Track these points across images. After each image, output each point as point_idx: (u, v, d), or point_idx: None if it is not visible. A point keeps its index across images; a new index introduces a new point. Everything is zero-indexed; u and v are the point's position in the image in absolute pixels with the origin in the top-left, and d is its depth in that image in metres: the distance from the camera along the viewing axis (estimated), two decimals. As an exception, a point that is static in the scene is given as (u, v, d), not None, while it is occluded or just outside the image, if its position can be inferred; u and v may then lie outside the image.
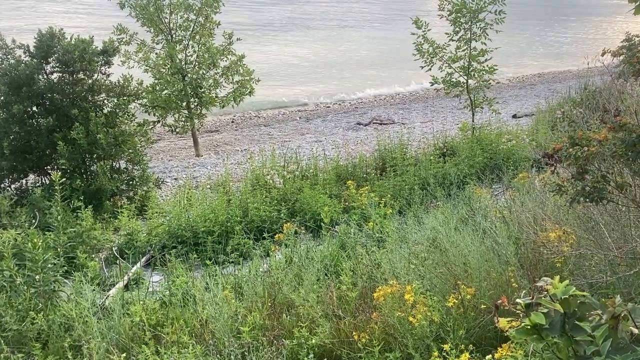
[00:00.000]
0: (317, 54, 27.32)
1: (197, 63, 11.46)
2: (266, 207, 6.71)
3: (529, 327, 1.61)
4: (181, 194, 7.29)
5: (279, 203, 6.89)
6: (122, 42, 10.85)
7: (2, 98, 7.51)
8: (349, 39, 30.76)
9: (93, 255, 5.85)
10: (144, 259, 5.96)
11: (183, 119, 11.66)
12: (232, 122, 16.57)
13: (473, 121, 9.99)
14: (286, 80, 22.40)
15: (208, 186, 8.03)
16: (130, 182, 7.83)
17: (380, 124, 14.96)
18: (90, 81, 7.84)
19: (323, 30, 32.10)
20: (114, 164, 7.91)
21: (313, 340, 3.26)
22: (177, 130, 11.71)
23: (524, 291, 1.87)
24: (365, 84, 22.63)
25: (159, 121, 11.43)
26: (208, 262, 5.23)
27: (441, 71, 9.85)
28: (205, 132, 14.90)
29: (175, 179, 9.96)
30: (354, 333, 3.21)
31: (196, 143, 12.06)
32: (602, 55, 3.82)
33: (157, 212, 6.73)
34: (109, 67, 8.07)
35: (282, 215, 6.62)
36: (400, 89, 22.30)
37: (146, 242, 6.23)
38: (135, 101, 10.96)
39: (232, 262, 5.67)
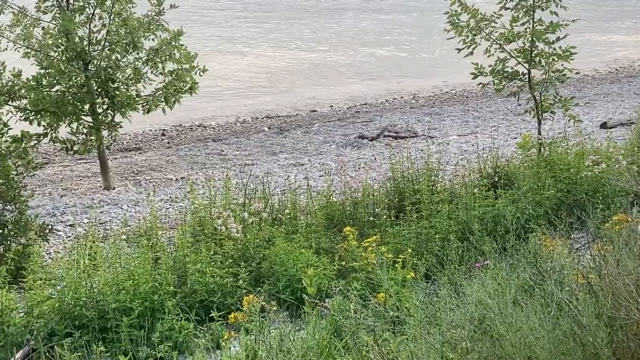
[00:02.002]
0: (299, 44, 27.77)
1: (107, 43, 11.54)
2: (216, 269, 6.67)
3: None
4: (80, 250, 7.22)
5: (236, 263, 6.85)
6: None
7: None
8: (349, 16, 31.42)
9: None
10: (19, 355, 5.86)
11: (85, 131, 11.66)
12: (163, 135, 16.64)
13: (539, 134, 10.09)
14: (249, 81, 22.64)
15: (123, 237, 7.96)
16: (-1, 231, 7.77)
17: (396, 137, 15.09)
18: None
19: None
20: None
21: None
22: (75, 148, 11.69)
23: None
24: (372, 78, 22.93)
25: (46, 134, 11.41)
26: (122, 358, 5.16)
27: (488, 56, 10.01)
28: (119, 152, 14.91)
29: (71, 225, 9.89)
30: None
31: (105, 169, 12.04)
32: None
33: (41, 279, 6.65)
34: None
35: (240, 282, 6.58)
36: (425, 84, 22.63)
37: (23, 327, 6.14)
38: (9, 103, 11.03)
39: (161, 358, 5.60)
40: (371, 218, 8.04)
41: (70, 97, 11.28)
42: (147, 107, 11.80)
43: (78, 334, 6.04)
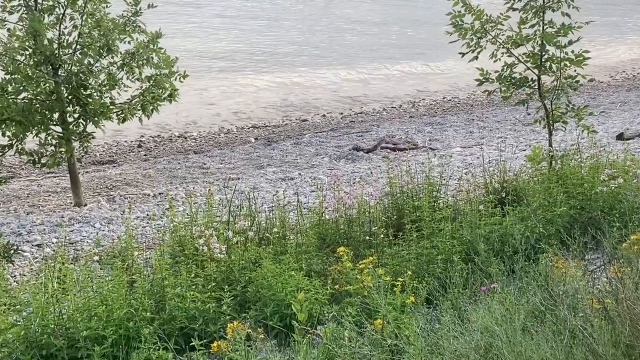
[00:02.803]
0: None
1: (79, 46, 11.54)
2: (197, 293, 6.64)
3: None
4: (49, 272, 7.19)
5: (219, 287, 6.83)
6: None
7: None
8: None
9: None
10: (-20, 388, 5.81)
11: (54, 142, 11.63)
12: (140, 146, 16.63)
13: (551, 145, 10.13)
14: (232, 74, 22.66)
15: (96, 258, 7.95)
16: (-41, 252, 7.72)
17: (394, 149, 15.11)
18: None
19: None
20: None
21: None
22: (43, 161, 11.66)
23: None
24: (366, 83, 22.99)
25: (11, 145, 11.38)
26: (94, 391, 5.13)
27: (495, 61, 10.05)
28: (92, 165, 14.88)
29: (38, 245, 9.84)
30: None
31: (76, 183, 12.00)
32: None
33: (5, 304, 6.62)
34: None
35: (224, 307, 6.56)
36: (426, 91, 22.70)
37: (-15, 358, 6.10)
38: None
39: (137, 391, 5.57)
40: (367, 237, 8.01)
41: (38, 105, 11.25)
42: (123, 116, 11.77)
43: (46, 364, 6.00)
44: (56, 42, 11.45)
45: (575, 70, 9.97)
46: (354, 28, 33.24)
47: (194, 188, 12.23)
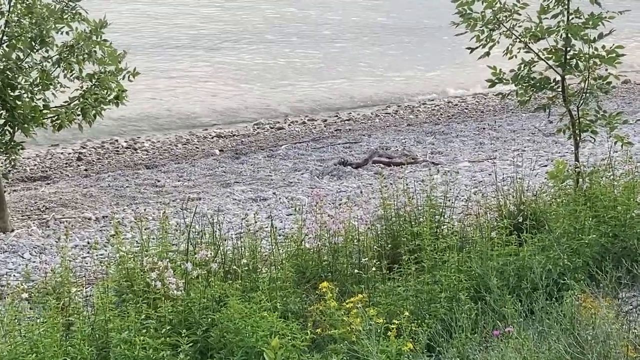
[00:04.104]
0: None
1: (6, 38, 11.52)
2: (148, 339, 6.61)
3: None
4: (-33, 313, 7.15)
5: (175, 331, 6.80)
6: None
7: None
8: None
9: None
10: None
11: (-27, 154, 11.60)
12: (79, 159, 16.58)
13: (577, 160, 10.15)
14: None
15: (24, 295, 7.90)
16: None
17: (389, 163, 15.14)
18: None
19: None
20: None
21: None
22: (-40, 177, 11.61)
23: None
24: (357, 87, 23.03)
25: None
26: None
27: (510, 58, 10.08)
28: (20, 181, 14.78)
29: (-47, 279, 9.79)
30: None
31: (1, 204, 11.95)
32: None
33: None
34: None
35: (182, 356, 6.52)
36: (427, 93, 22.79)
37: None
38: None
39: None
40: (356, 271, 7.98)
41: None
42: (58, 122, 11.71)
43: None
44: (-23, 32, 11.46)
45: (606, 70, 9.99)
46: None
47: (145, 210, 12.17)
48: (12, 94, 11.42)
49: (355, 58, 26.57)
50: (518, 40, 10.05)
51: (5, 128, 11.61)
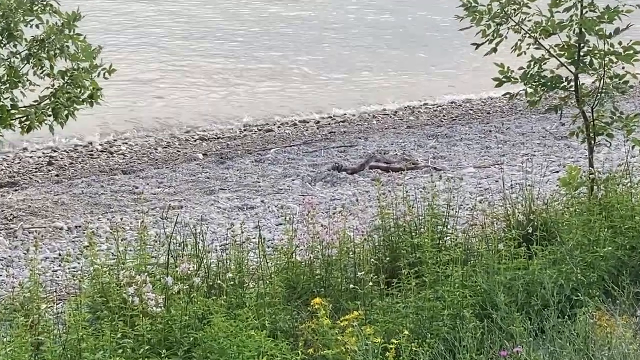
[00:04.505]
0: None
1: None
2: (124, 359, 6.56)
3: None
4: None
5: (154, 351, 6.79)
6: None
7: None
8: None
9: None
10: None
11: None
12: (50, 164, 16.55)
13: (591, 166, 10.13)
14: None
15: (-10, 312, 7.86)
16: None
17: (387, 169, 15.15)
18: None
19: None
20: None
21: None
22: None
23: None
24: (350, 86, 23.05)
25: None
26: None
27: (518, 55, 10.06)
28: (-15, 188, 14.68)
29: None
30: None
31: (-35, 212, 11.90)
32: None
33: None
34: None
35: (161, 379, 6.49)
36: (429, 93, 22.79)
37: None
38: None
39: None
40: (351, 285, 7.99)
41: None
42: (28, 123, 11.74)
43: None
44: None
45: (623, 68, 9.99)
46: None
47: (121, 219, 12.14)
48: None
49: (351, 57, 26.60)
50: (527, 35, 10.05)
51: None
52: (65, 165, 16.38)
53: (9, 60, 11.60)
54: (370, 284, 7.89)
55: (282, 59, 26.05)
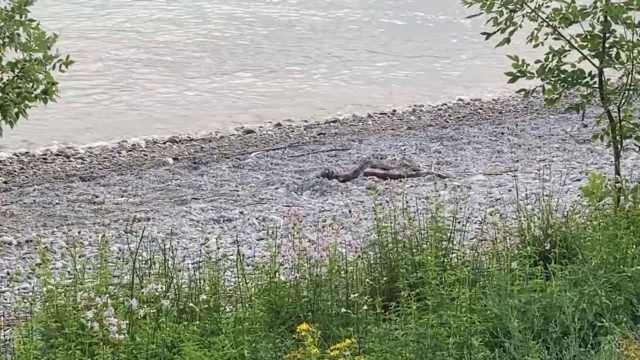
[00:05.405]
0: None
1: None
2: (83, 395, 6.61)
3: None
4: None
5: (117, 384, 6.81)
6: None
7: None
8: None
9: None
10: None
11: None
12: (-3, 170, 16.45)
13: (618, 173, 10.17)
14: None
15: None
16: None
17: (384, 176, 15.14)
18: None
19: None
20: None
21: None
22: None
23: None
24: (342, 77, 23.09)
25: None
26: None
27: (535, 46, 10.10)
28: None
29: None
30: None
31: None
32: None
33: None
34: None
35: (124, 416, 6.53)
36: (434, 91, 22.83)
37: None
38: None
39: None
40: (343, 309, 8.00)
41: None
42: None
43: None
44: None
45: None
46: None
47: (79, 233, 12.10)
48: None
49: (343, 54, 26.69)
50: (545, 24, 10.08)
51: None
52: (15, 171, 16.34)
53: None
54: (365, 307, 7.82)
55: (262, 53, 26.10)
